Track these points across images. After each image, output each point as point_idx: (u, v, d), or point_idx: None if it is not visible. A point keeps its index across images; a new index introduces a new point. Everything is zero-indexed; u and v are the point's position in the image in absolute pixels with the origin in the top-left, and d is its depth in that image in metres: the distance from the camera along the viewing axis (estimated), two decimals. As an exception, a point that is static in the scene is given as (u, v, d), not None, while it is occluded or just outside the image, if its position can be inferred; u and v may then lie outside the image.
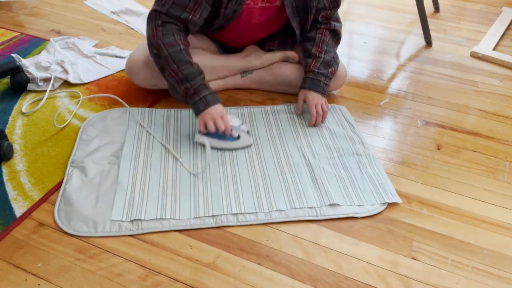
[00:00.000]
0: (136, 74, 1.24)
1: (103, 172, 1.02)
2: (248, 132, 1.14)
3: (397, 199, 1.01)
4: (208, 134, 1.09)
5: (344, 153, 1.14)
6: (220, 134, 1.09)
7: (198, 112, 1.07)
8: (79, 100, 1.28)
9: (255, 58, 1.33)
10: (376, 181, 1.06)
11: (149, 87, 1.29)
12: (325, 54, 1.24)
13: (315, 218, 0.96)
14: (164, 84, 1.18)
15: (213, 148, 1.11)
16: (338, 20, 1.29)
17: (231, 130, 1.09)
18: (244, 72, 1.35)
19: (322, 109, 1.23)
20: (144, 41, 1.23)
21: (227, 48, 1.37)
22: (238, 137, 1.11)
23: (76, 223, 0.91)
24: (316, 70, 1.23)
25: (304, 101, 1.25)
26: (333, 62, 1.25)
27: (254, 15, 1.19)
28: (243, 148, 1.13)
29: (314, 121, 1.23)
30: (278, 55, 1.34)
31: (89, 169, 1.03)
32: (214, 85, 1.32)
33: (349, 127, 1.24)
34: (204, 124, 1.07)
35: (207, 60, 1.27)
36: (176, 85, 1.08)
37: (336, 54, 1.28)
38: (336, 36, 1.29)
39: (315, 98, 1.22)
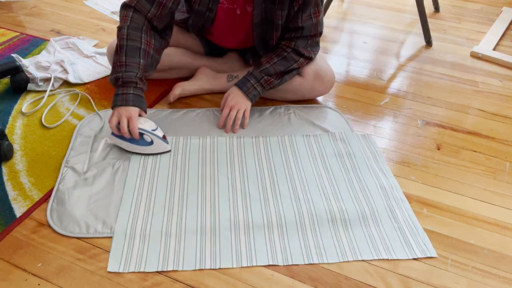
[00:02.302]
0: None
1: (97, 173, 1.02)
2: (164, 137, 1.07)
3: (432, 253, 0.89)
4: (121, 137, 1.05)
5: (374, 201, 0.99)
6: (132, 138, 1.04)
7: (113, 105, 1.04)
8: (70, 107, 1.28)
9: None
10: (407, 230, 0.93)
11: None
12: (272, 65, 1.16)
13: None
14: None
15: (127, 151, 1.08)
16: (312, 45, 1.19)
17: (143, 134, 1.04)
18: (230, 76, 1.33)
19: (237, 114, 1.16)
20: None
21: (214, 48, 1.38)
22: (151, 142, 1.05)
23: (68, 224, 0.91)
24: (251, 72, 1.18)
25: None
26: (276, 74, 1.17)
27: (229, 18, 1.18)
28: (158, 154, 1.08)
29: (222, 123, 1.17)
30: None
31: (83, 170, 1.03)
32: (201, 88, 1.31)
33: (375, 164, 1.10)
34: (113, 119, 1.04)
35: (180, 59, 1.32)
36: (113, 72, 1.06)
37: (288, 71, 1.18)
38: (300, 56, 1.18)
39: (235, 98, 1.17)
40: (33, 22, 1.74)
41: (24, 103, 1.25)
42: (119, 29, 1.07)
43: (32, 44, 1.56)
